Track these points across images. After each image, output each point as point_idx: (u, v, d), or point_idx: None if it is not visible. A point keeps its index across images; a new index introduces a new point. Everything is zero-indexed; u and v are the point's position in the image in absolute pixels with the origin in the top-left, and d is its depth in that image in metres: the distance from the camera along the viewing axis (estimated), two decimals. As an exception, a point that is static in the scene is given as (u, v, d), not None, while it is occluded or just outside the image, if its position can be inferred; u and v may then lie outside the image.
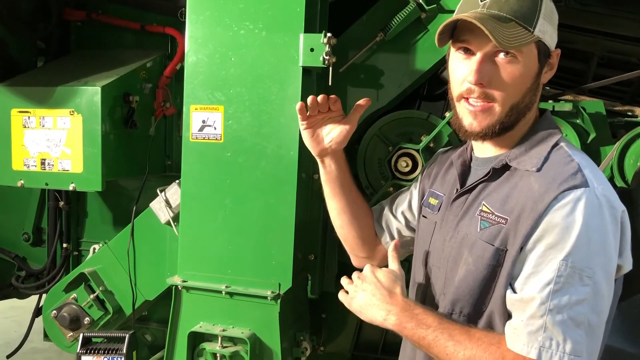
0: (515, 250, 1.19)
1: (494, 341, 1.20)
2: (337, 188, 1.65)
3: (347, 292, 1.43)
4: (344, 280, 1.47)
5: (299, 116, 1.56)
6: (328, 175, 1.64)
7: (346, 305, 1.42)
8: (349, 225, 1.68)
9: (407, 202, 1.66)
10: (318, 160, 1.64)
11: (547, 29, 1.24)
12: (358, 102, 1.56)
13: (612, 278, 1.18)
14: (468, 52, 1.26)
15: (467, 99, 1.27)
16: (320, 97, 1.50)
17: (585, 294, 1.13)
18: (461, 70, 1.27)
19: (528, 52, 1.23)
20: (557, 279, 1.13)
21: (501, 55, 1.23)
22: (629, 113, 2.32)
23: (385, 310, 1.31)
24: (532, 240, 1.18)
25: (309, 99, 1.51)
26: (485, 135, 1.28)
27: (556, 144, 1.27)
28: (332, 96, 1.53)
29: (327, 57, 1.80)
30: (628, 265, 1.23)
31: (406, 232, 1.66)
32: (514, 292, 1.21)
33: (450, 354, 1.21)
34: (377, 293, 1.33)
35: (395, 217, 1.67)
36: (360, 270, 1.44)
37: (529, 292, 1.17)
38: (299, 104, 1.53)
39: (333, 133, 1.57)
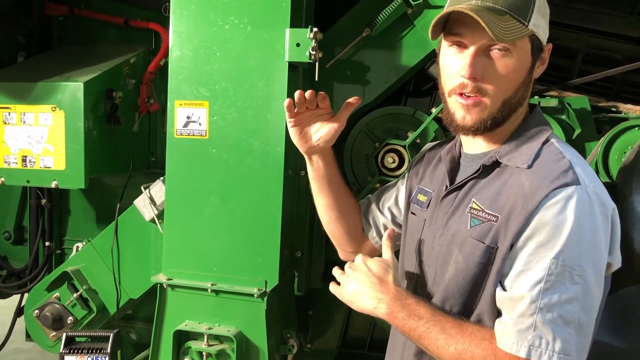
0: (506, 248, 1.19)
1: (487, 336, 1.19)
2: (324, 185, 1.63)
3: (338, 284, 1.41)
4: (335, 271, 1.45)
5: (286, 113, 1.53)
6: (316, 172, 1.62)
7: (337, 296, 1.40)
8: (337, 221, 1.66)
9: (394, 198, 1.66)
10: (306, 157, 1.62)
11: (540, 23, 1.23)
12: (348, 101, 1.54)
13: (602, 276, 1.18)
14: (461, 45, 1.25)
15: (459, 94, 1.25)
16: (308, 93, 1.48)
17: (576, 293, 1.13)
18: (454, 64, 1.25)
19: (522, 46, 1.22)
20: (547, 278, 1.13)
21: (495, 49, 1.21)
22: (613, 109, 2.33)
23: (375, 298, 1.29)
24: (523, 238, 1.17)
25: (297, 94, 1.48)
26: (477, 130, 1.26)
27: (547, 140, 1.26)
28: (321, 93, 1.51)
29: (314, 52, 1.79)
30: (617, 263, 1.23)
31: (392, 228, 1.65)
32: (504, 289, 1.20)
33: (441, 347, 1.20)
34: (368, 281, 1.32)
35: (381, 212, 1.67)
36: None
37: (519, 291, 1.16)
38: (287, 101, 1.50)
39: (321, 131, 1.55)
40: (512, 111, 1.27)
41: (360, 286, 1.33)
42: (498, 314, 1.22)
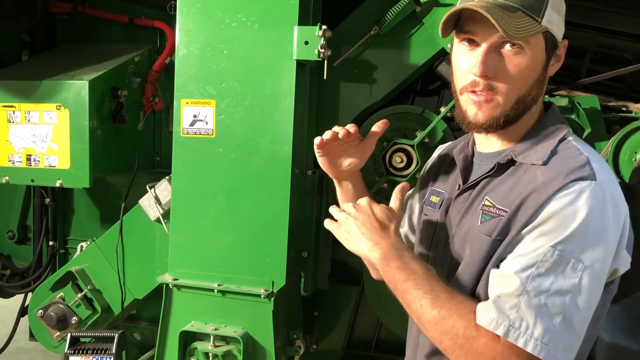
0: (511, 237, 1.16)
1: (474, 309, 1.14)
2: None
3: (335, 221, 1.36)
4: (333, 209, 1.39)
5: (316, 151, 1.48)
6: (345, 194, 1.59)
7: (332, 231, 1.35)
8: None
9: (408, 221, 1.61)
10: (335, 181, 1.59)
11: (554, 19, 1.21)
12: (373, 130, 1.49)
13: (603, 276, 1.14)
14: (472, 43, 1.22)
15: (471, 91, 1.23)
16: (342, 133, 1.43)
17: (570, 286, 1.09)
18: (465, 62, 1.23)
19: (535, 43, 1.20)
20: (540, 264, 1.09)
21: (507, 46, 1.19)
22: (623, 108, 2.31)
23: (372, 241, 1.25)
24: (530, 227, 1.14)
25: (328, 135, 1.43)
26: (489, 127, 1.24)
27: (563, 139, 1.24)
28: (352, 125, 1.46)
29: (323, 50, 1.77)
30: (624, 267, 1.20)
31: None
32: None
33: (424, 306, 1.15)
34: (368, 224, 1.27)
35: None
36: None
37: (509, 270, 1.13)
38: (317, 140, 1.44)
39: (351, 156, 1.51)
40: (527, 109, 1.25)
41: (359, 226, 1.28)
42: None
